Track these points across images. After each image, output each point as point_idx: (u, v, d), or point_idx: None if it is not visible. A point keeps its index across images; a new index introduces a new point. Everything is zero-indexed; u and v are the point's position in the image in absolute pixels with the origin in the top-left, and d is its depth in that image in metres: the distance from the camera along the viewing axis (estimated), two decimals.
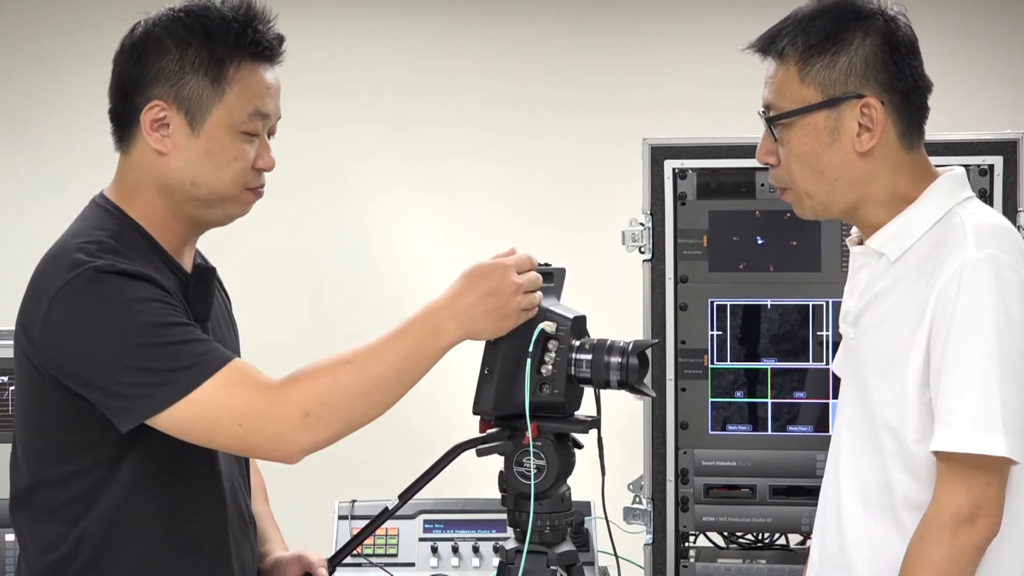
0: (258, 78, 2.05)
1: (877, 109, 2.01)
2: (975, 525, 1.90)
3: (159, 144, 2.00)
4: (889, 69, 2.03)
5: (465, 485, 2.86)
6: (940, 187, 2.06)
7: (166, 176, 2.01)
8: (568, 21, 4.84)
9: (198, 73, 1.99)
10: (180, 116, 2.00)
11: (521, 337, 2.03)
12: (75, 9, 4.70)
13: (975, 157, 2.83)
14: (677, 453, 2.91)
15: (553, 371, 2.04)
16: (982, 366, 1.90)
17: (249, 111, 2.03)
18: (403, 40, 4.87)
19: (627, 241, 2.91)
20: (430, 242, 4.80)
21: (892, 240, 2.04)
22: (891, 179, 2.05)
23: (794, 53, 2.04)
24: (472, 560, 3.01)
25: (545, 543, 2.09)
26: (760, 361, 2.89)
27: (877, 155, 2.04)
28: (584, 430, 2.09)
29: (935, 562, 1.90)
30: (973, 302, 1.91)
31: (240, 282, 4.55)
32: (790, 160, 2.06)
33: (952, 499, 1.91)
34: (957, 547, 1.90)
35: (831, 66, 2.02)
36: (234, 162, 2.02)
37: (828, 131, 2.03)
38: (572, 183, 4.78)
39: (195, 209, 2.04)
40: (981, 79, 4.63)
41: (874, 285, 2.07)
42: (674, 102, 4.68)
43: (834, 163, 2.03)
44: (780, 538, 3.00)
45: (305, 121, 4.85)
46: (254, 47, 2.03)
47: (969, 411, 1.90)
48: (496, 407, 2.04)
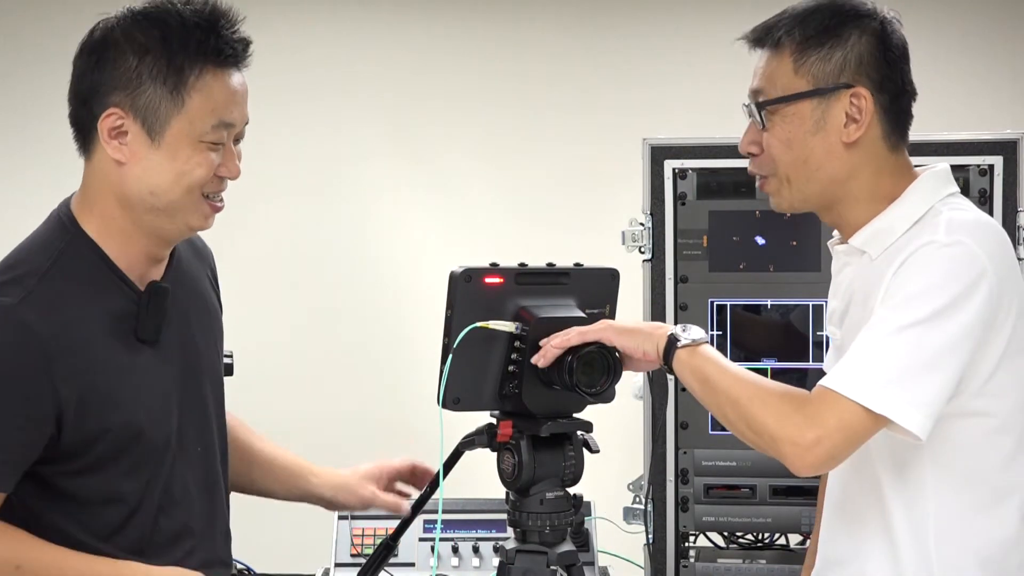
0: (221, 85, 1.96)
1: (867, 100, 2.02)
2: (816, 449, 1.87)
3: (117, 153, 1.94)
4: (882, 69, 2.04)
5: (465, 485, 2.86)
6: (924, 183, 2.06)
7: (124, 186, 1.96)
8: (568, 21, 4.84)
9: (156, 81, 1.92)
10: (137, 125, 1.93)
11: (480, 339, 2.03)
12: (75, 9, 4.70)
13: (975, 157, 2.83)
14: (677, 453, 2.91)
15: (516, 370, 2.04)
16: (903, 332, 1.87)
17: (212, 122, 1.95)
18: (403, 40, 4.87)
19: (627, 241, 2.91)
20: (430, 242, 4.80)
21: (874, 237, 2.04)
22: (873, 177, 2.05)
23: (790, 43, 2.05)
24: (472, 560, 3.01)
25: (545, 543, 2.09)
26: (760, 361, 2.89)
27: (861, 149, 2.04)
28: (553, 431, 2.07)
29: (762, 419, 1.90)
30: (923, 271, 1.90)
31: (240, 282, 4.57)
32: (772, 146, 2.06)
33: (814, 418, 1.87)
34: (776, 416, 1.89)
35: (826, 59, 2.03)
36: (196, 170, 1.96)
37: (814, 120, 2.03)
38: (572, 183, 4.78)
39: (155, 220, 1.98)
40: (981, 79, 4.63)
41: (855, 283, 2.07)
42: (674, 102, 4.68)
43: (817, 152, 2.03)
44: (780, 538, 3.00)
45: (305, 121, 4.86)
46: (216, 54, 1.94)
47: (857, 358, 1.89)
48: (456, 402, 2.04)
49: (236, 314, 2.38)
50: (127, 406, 1.97)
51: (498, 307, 2.07)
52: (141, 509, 2.01)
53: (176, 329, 2.07)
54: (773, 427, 1.90)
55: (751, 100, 2.09)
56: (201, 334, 2.14)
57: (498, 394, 2.07)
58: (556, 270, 2.13)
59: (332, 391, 4.70)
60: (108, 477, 1.97)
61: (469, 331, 2.03)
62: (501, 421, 2.08)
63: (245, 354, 2.39)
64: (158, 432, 2.01)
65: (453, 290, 2.05)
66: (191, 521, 2.08)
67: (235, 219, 5.24)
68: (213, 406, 2.15)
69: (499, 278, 2.07)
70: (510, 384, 2.05)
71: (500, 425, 2.08)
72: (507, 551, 2.10)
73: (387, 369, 4.73)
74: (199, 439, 2.10)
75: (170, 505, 2.04)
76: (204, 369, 2.13)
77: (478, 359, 2.05)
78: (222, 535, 2.16)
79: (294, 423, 4.66)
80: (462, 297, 2.04)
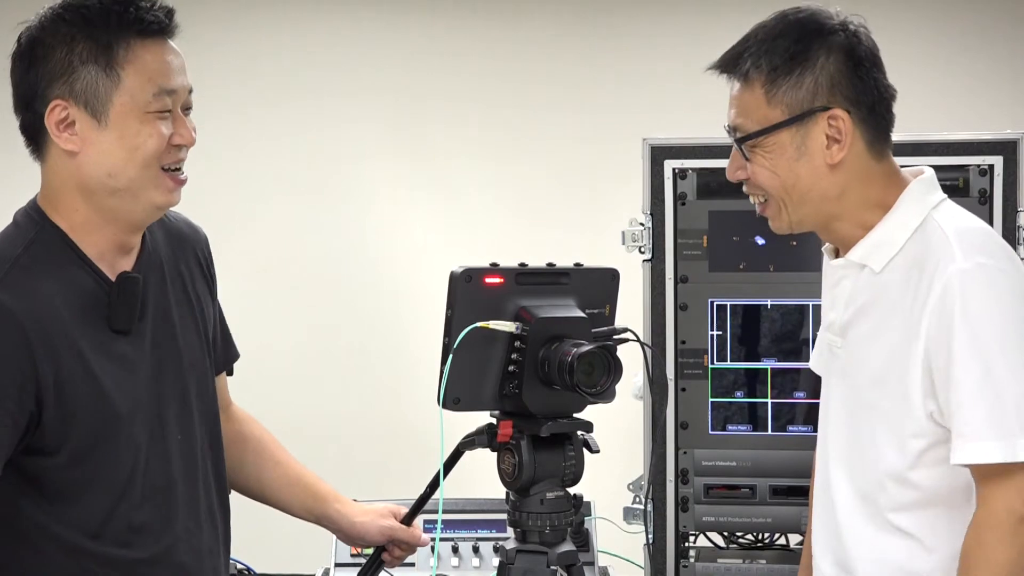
0: (152, 55, 1.99)
1: (845, 120, 2.01)
2: None
3: (69, 144, 1.97)
4: (854, 83, 2.03)
5: (465, 485, 2.86)
6: (914, 192, 2.06)
7: (82, 176, 1.98)
8: (568, 21, 4.84)
9: (88, 64, 1.96)
10: (82, 111, 1.96)
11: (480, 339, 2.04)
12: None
13: (975, 157, 2.83)
14: (677, 453, 2.91)
15: (516, 371, 2.05)
16: (990, 373, 1.90)
17: (153, 91, 1.98)
18: (403, 40, 4.87)
19: (627, 241, 2.91)
20: (430, 242, 4.80)
21: (875, 251, 2.04)
22: (863, 190, 2.05)
23: (759, 76, 2.04)
24: (472, 560, 3.01)
25: (545, 543, 2.09)
26: (760, 361, 2.89)
27: (847, 167, 2.04)
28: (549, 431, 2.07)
29: (999, 563, 1.90)
30: (970, 314, 1.91)
31: (240, 282, 4.57)
32: (758, 175, 2.06)
33: (1003, 500, 1.90)
34: (1018, 547, 1.90)
35: (797, 87, 2.02)
36: (148, 141, 1.98)
37: (795, 147, 2.03)
38: (572, 183, 4.78)
39: (119, 204, 2.00)
40: (981, 79, 4.63)
41: (859, 296, 2.07)
42: (674, 102, 4.67)
43: (803, 176, 2.03)
44: (780, 538, 3.00)
45: (306, 121, 4.87)
46: (139, 24, 1.98)
47: (987, 420, 1.90)
48: (456, 402, 2.05)
49: (236, 314, 2.38)
50: (102, 393, 1.98)
51: (498, 307, 2.07)
52: (124, 499, 2.01)
53: (152, 319, 2.08)
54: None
55: (730, 134, 2.09)
56: (181, 324, 2.14)
57: (498, 394, 2.07)
58: (556, 270, 2.13)
59: (332, 391, 4.70)
60: (90, 469, 1.98)
61: (469, 331, 2.03)
62: (501, 421, 2.08)
63: (245, 354, 2.39)
64: (136, 420, 2.02)
65: (453, 290, 2.05)
66: (176, 510, 2.08)
67: (235, 219, 5.28)
68: (196, 396, 2.15)
69: (499, 278, 2.07)
70: (510, 384, 2.05)
71: (500, 425, 2.08)
72: (507, 551, 2.10)
73: (387, 369, 4.73)
74: (180, 428, 2.10)
75: (153, 494, 2.05)
76: (184, 359, 2.13)
77: (478, 359, 2.05)
78: (209, 524, 2.15)
79: (294, 423, 4.67)
80: (462, 297, 2.04)
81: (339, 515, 2.38)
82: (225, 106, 4.74)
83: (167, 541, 2.06)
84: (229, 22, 4.90)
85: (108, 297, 2.00)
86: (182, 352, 2.12)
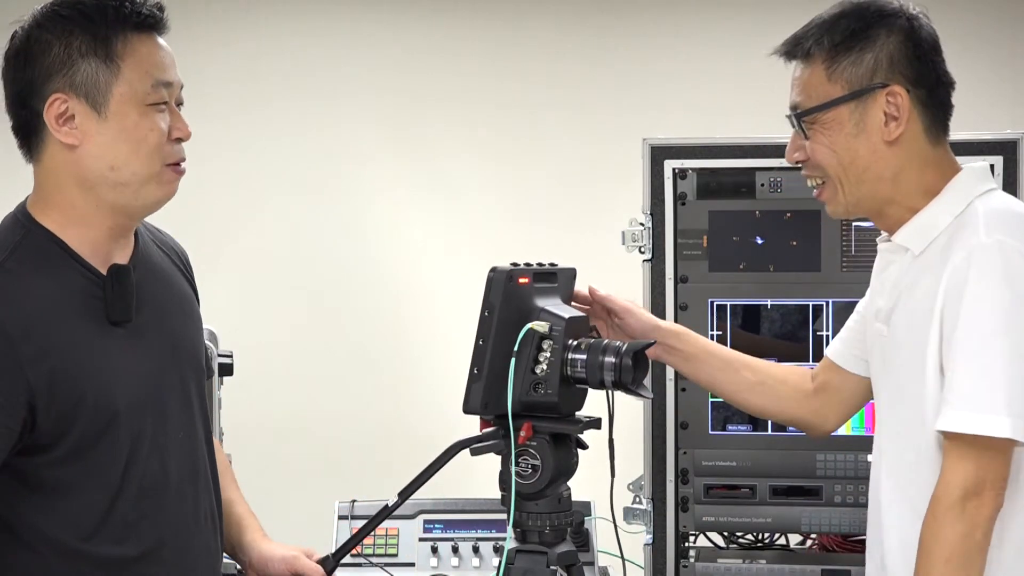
0: (148, 48, 2.01)
1: (903, 97, 2.05)
2: (982, 498, 1.91)
3: (69, 137, 1.98)
4: (914, 65, 2.07)
5: (465, 485, 2.86)
6: (962, 180, 2.09)
7: (83, 169, 1.99)
8: (569, 21, 4.85)
9: (87, 56, 1.97)
10: (82, 103, 1.97)
11: (511, 336, 2.03)
12: None
13: (975, 157, 2.81)
14: (677, 453, 2.91)
15: (547, 371, 2.04)
16: (987, 349, 1.92)
17: (150, 82, 2.00)
18: (404, 40, 4.87)
19: (627, 241, 2.91)
20: (430, 242, 4.80)
21: (916, 234, 2.07)
22: (917, 174, 2.08)
23: (820, 52, 2.08)
24: (472, 560, 3.01)
25: (545, 543, 2.09)
26: None
27: (904, 145, 2.07)
28: (579, 430, 2.09)
29: (951, 540, 1.91)
30: (979, 287, 1.93)
31: (240, 282, 4.58)
32: (817, 152, 2.09)
33: (958, 475, 1.92)
34: (968, 521, 1.91)
35: (858, 63, 2.06)
36: (150, 135, 1.99)
37: (853, 123, 2.06)
38: (572, 183, 4.79)
39: (119, 197, 2.00)
40: (981, 79, 4.63)
41: (901, 280, 2.10)
42: (674, 102, 4.68)
43: (861, 153, 2.07)
44: (780, 538, 3.00)
45: (305, 121, 4.87)
46: (136, 18, 2.00)
47: (972, 392, 1.92)
48: (486, 406, 2.04)
49: (236, 314, 2.39)
50: (100, 387, 1.97)
51: (527, 307, 2.07)
52: (122, 496, 2.00)
53: (151, 313, 2.08)
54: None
55: (791, 112, 2.12)
56: (179, 320, 2.15)
57: (524, 395, 2.05)
58: (556, 270, 2.14)
59: (332, 391, 4.70)
60: (88, 464, 1.97)
61: (524, 333, 2.02)
62: (521, 424, 2.05)
63: (245, 354, 2.39)
64: (135, 415, 2.01)
65: (496, 291, 2.03)
66: (175, 509, 2.07)
67: (235, 219, 5.28)
68: (195, 393, 2.15)
69: (527, 278, 2.07)
70: (540, 386, 2.05)
71: (524, 428, 2.05)
72: (507, 551, 2.10)
73: (387, 369, 4.72)
74: (181, 425, 2.10)
75: (153, 492, 2.04)
76: (183, 355, 2.13)
77: (505, 361, 2.04)
78: (208, 523, 2.15)
79: (294, 423, 4.68)
80: (505, 298, 2.03)
81: (249, 545, 2.31)
82: (225, 106, 4.75)
83: (164, 539, 2.05)
84: (229, 22, 4.91)
85: (102, 291, 2.00)
86: (181, 347, 2.12)
